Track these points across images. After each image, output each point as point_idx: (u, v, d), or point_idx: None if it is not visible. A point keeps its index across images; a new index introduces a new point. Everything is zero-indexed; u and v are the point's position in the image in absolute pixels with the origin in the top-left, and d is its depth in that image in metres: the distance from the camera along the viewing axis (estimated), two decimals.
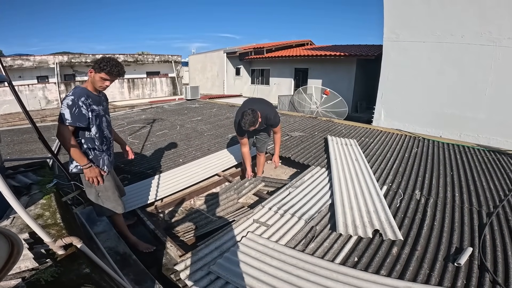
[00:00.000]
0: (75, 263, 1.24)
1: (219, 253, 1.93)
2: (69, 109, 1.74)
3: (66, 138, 1.76)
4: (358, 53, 10.81)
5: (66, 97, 1.77)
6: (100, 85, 1.86)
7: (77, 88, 1.83)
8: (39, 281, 1.10)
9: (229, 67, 16.29)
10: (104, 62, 1.78)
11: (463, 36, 5.21)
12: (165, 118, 6.95)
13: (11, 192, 0.99)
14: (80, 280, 1.16)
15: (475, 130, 5.39)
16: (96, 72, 1.81)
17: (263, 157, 3.50)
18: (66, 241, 1.18)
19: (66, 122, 1.73)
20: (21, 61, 12.66)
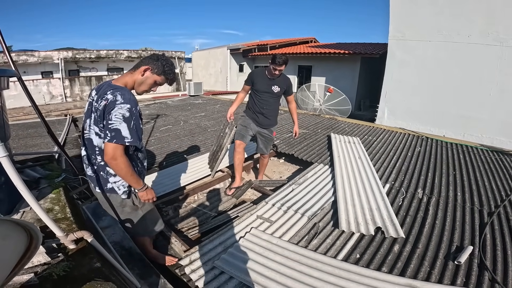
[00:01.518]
0: (86, 258, 1.26)
1: (223, 248, 1.96)
2: (127, 123, 1.35)
3: (125, 162, 1.40)
4: (363, 51, 10.77)
5: (115, 105, 1.33)
6: (146, 89, 1.53)
7: (124, 91, 1.40)
8: (51, 276, 1.12)
9: (233, 64, 16.26)
10: (169, 65, 1.49)
11: (470, 35, 5.19)
12: (169, 113, 6.98)
13: (25, 186, 1.01)
14: (91, 275, 1.19)
15: (479, 130, 5.38)
16: (154, 73, 1.48)
17: (267, 159, 3.41)
18: (78, 235, 1.21)
19: (125, 142, 1.36)
20: (26, 57, 12.68)
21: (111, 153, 1.36)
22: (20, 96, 10.24)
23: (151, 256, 1.95)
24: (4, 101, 1.89)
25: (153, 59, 1.46)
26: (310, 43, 16.96)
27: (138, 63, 1.49)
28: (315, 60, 12.59)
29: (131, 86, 1.50)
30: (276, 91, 2.92)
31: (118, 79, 1.49)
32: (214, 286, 1.63)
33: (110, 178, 1.54)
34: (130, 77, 1.48)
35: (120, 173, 1.45)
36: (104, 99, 1.37)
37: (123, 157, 1.39)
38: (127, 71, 1.52)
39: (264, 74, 2.90)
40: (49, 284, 1.07)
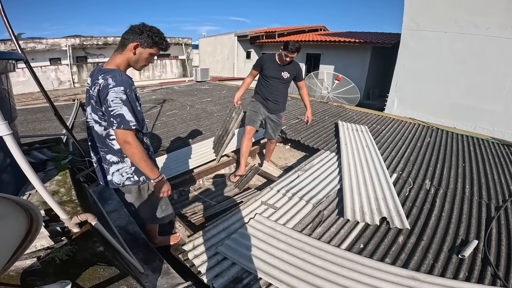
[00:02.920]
0: (89, 241, 1.27)
1: (227, 234, 1.97)
2: (127, 107, 1.30)
3: (139, 147, 1.35)
4: (374, 40, 10.51)
5: (109, 89, 1.27)
6: (145, 64, 1.47)
7: (116, 73, 1.33)
8: (54, 260, 1.11)
9: (240, 50, 16.05)
10: (156, 34, 1.39)
11: (488, 28, 5.03)
12: (175, 98, 6.97)
13: (30, 168, 1.00)
14: (94, 259, 1.19)
15: (491, 123, 5.29)
16: (146, 47, 1.39)
17: (274, 144, 3.42)
18: (82, 218, 1.21)
19: (132, 126, 1.30)
20: (33, 44, 12.83)
21: (122, 138, 1.32)
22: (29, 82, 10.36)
23: (157, 241, 1.97)
24: (11, 84, 1.90)
25: (137, 33, 1.35)
26: (319, 31, 16.59)
27: (123, 41, 1.38)
28: (324, 48, 12.34)
29: (125, 66, 1.43)
30: (285, 77, 2.89)
31: (109, 62, 1.41)
32: (216, 272, 1.64)
33: (112, 167, 1.50)
34: (121, 57, 1.40)
35: (134, 159, 1.39)
36: (96, 85, 1.32)
37: (136, 141, 1.34)
38: (115, 52, 1.42)
39: (274, 59, 2.86)
40: (51, 269, 1.08)
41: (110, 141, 1.45)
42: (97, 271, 1.11)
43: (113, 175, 1.51)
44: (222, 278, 1.60)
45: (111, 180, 1.52)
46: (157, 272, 1.60)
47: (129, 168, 1.52)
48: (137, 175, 1.55)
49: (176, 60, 16.61)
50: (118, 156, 1.48)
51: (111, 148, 1.47)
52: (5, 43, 11.30)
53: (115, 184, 1.53)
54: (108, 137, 1.45)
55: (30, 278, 1.05)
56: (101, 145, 1.47)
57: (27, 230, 0.69)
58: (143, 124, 1.52)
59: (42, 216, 0.71)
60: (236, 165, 3.50)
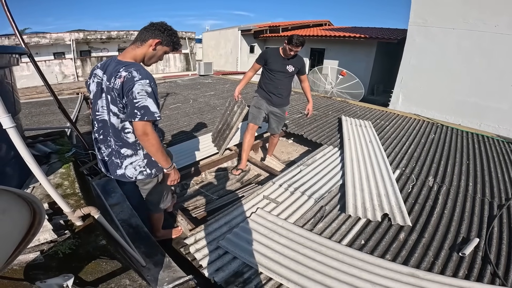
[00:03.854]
0: (92, 235, 1.28)
1: (228, 228, 1.98)
2: (152, 98, 1.33)
3: (157, 138, 1.40)
4: (380, 36, 10.39)
5: (135, 82, 1.29)
6: (155, 61, 1.52)
7: (138, 66, 1.36)
8: (57, 254, 1.12)
9: (243, 45, 15.96)
10: (175, 35, 1.48)
11: (497, 25, 4.96)
12: (178, 92, 6.97)
13: (34, 160, 1.01)
14: (97, 252, 1.20)
15: (496, 120, 5.25)
16: (165, 45, 1.46)
17: (277, 139, 3.41)
18: (85, 211, 1.22)
19: (156, 117, 1.34)
20: (37, 39, 12.85)
21: (142, 130, 1.34)
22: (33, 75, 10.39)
23: (160, 235, 1.99)
24: (14, 78, 1.91)
25: (160, 31, 1.41)
26: (324, 26, 16.41)
27: (143, 36, 1.41)
28: (329, 43, 12.22)
29: (141, 60, 1.45)
30: (290, 71, 2.90)
31: (125, 54, 1.42)
32: (217, 266, 1.66)
33: (125, 160, 1.51)
34: (139, 51, 1.42)
35: (152, 150, 1.42)
36: (118, 77, 1.32)
37: (154, 132, 1.38)
38: (132, 45, 1.44)
39: (279, 53, 2.86)
40: (54, 262, 1.09)
41: (125, 134, 1.46)
42: (99, 264, 1.13)
43: (126, 168, 1.52)
44: (223, 272, 1.62)
45: (123, 174, 1.54)
46: (159, 266, 1.62)
47: (141, 161, 1.54)
48: (149, 168, 1.57)
49: (179, 54, 16.55)
50: (132, 149, 1.50)
51: (125, 142, 1.48)
52: (9, 37, 11.36)
53: (127, 177, 1.55)
54: (123, 130, 1.45)
55: (34, 272, 1.06)
56: (116, 139, 1.47)
57: (30, 224, 0.69)
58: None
59: (45, 209, 0.71)
60: (238, 158, 3.50)
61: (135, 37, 1.45)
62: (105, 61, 1.48)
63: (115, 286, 1.12)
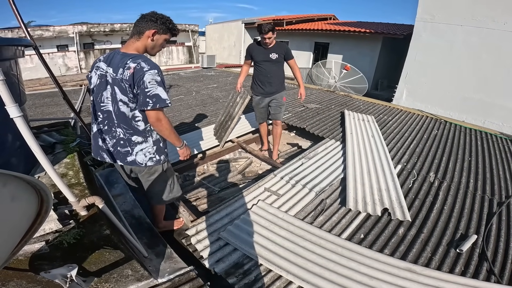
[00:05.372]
0: (96, 225, 1.30)
1: (229, 219, 2.01)
2: (162, 87, 1.41)
3: (168, 122, 1.51)
4: (385, 31, 10.29)
5: (144, 72, 1.36)
6: (159, 50, 1.58)
7: (145, 58, 1.43)
8: (62, 244, 1.15)
9: (247, 38, 15.86)
10: (169, 21, 1.51)
11: (506, 23, 4.89)
12: (181, 84, 6.98)
13: (41, 150, 1.02)
14: (100, 242, 1.23)
15: (501, 118, 5.23)
16: (162, 33, 1.50)
17: (280, 128, 3.31)
18: (89, 201, 1.24)
19: (168, 103, 1.43)
20: (41, 31, 12.93)
21: (155, 117, 1.43)
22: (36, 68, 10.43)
23: (162, 226, 2.03)
24: (20, 69, 1.92)
25: (153, 21, 1.45)
26: (329, 20, 16.23)
27: (139, 28, 1.46)
28: (333, 38, 12.10)
29: (143, 51, 1.51)
30: (274, 58, 2.98)
31: (128, 47, 1.48)
32: (218, 257, 1.69)
33: (136, 147, 1.56)
34: (139, 44, 1.48)
35: (165, 133, 1.53)
36: (126, 68, 1.38)
37: (165, 117, 1.48)
38: (131, 38, 1.49)
39: (259, 45, 3.03)
40: (59, 252, 1.10)
41: (135, 122, 1.52)
42: (103, 254, 1.15)
43: (136, 154, 1.58)
44: (224, 263, 1.65)
45: (134, 160, 1.59)
46: (161, 257, 1.65)
47: (151, 147, 1.61)
48: (158, 155, 1.65)
49: (183, 46, 16.50)
50: (142, 136, 1.57)
51: (136, 129, 1.54)
52: (12, 30, 11.38)
53: (138, 164, 1.60)
54: (134, 118, 1.52)
55: (39, 262, 1.07)
56: (127, 127, 1.53)
57: (37, 212, 0.69)
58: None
59: (52, 197, 0.72)
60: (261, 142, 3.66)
61: (131, 31, 1.50)
62: (107, 54, 1.52)
63: (118, 276, 1.15)
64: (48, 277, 0.97)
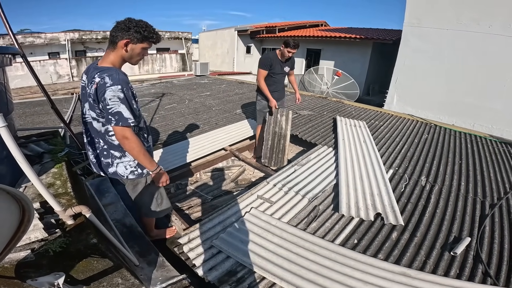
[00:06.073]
0: (83, 233, 1.28)
1: (222, 227, 1.99)
2: (125, 104, 1.33)
3: (137, 141, 1.41)
4: (375, 37, 10.48)
5: (106, 88, 1.29)
6: (139, 59, 1.46)
7: (112, 71, 1.33)
8: (47, 252, 1.13)
9: (240, 45, 15.99)
10: (144, 28, 1.37)
11: (491, 26, 5.01)
12: (174, 92, 6.96)
13: (25, 160, 1.00)
14: (87, 251, 1.21)
15: (490, 120, 5.30)
16: (137, 42, 1.38)
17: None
18: (76, 210, 1.22)
19: (130, 123, 1.35)
20: (32, 38, 12.75)
21: (121, 134, 1.36)
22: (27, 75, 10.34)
23: (154, 234, 1.99)
24: (7, 77, 1.90)
25: (125, 30, 1.34)
26: (320, 26, 16.50)
27: (112, 38, 1.37)
28: (325, 44, 12.29)
29: (119, 63, 1.43)
30: (287, 71, 3.35)
31: (103, 60, 1.41)
32: (211, 265, 1.66)
33: (116, 160, 1.54)
34: (114, 55, 1.40)
35: (133, 153, 1.44)
36: (93, 83, 1.33)
37: (134, 136, 1.39)
38: (107, 49, 1.42)
39: (277, 57, 3.20)
40: (45, 260, 1.09)
41: (109, 137, 1.48)
42: (90, 263, 1.13)
43: (117, 166, 1.55)
44: (217, 271, 1.62)
45: (115, 172, 1.56)
46: (153, 265, 1.62)
47: (132, 161, 1.57)
48: (140, 168, 1.60)
49: (176, 54, 16.52)
50: (119, 151, 1.52)
51: (111, 144, 1.50)
52: (3, 38, 11.25)
53: (119, 175, 1.57)
54: (107, 133, 1.47)
55: (24, 270, 1.06)
56: (102, 141, 1.50)
57: (20, 221, 0.69)
58: (139, 119, 1.54)
59: (33, 207, 0.71)
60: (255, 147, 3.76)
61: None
62: (88, 66, 1.49)
63: (107, 285, 1.12)
64: (35, 284, 0.95)
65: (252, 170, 3.32)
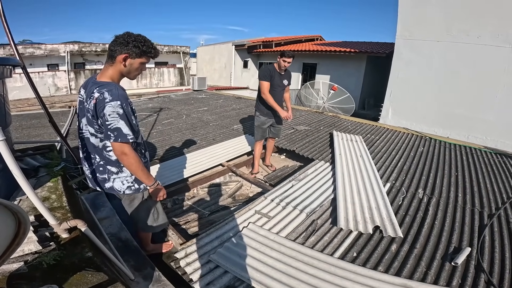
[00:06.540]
0: (78, 247, 1.26)
1: (220, 242, 1.96)
2: (124, 120, 1.32)
3: (136, 157, 1.41)
4: (369, 50, 10.69)
5: (105, 104, 1.28)
6: (137, 74, 1.46)
7: (111, 87, 1.33)
8: (41, 265, 1.11)
9: (237, 60, 16.24)
10: (143, 42, 1.37)
11: (479, 36, 5.12)
12: (172, 107, 6.99)
13: (21, 173, 1.00)
14: (82, 264, 1.19)
15: (484, 132, 5.33)
16: (135, 57, 1.37)
17: (274, 143, 3.78)
18: (71, 224, 1.20)
19: (129, 139, 1.35)
20: (32, 49, 12.81)
21: (119, 150, 1.35)
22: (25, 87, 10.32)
23: (150, 249, 1.96)
24: (6, 89, 1.90)
25: (123, 44, 1.33)
26: (316, 40, 16.86)
27: (111, 53, 1.37)
28: (320, 58, 12.51)
29: (118, 78, 1.43)
30: (285, 84, 3.33)
31: (102, 74, 1.41)
32: (208, 280, 1.63)
33: (113, 175, 1.53)
34: (113, 70, 1.39)
35: (131, 168, 1.44)
36: (92, 98, 1.32)
37: (132, 151, 1.39)
38: (106, 63, 1.41)
39: (276, 70, 3.20)
40: (38, 272, 1.07)
41: (107, 152, 1.48)
42: (85, 276, 1.10)
43: (114, 181, 1.54)
44: (214, 286, 1.59)
45: (112, 187, 1.55)
46: (148, 279, 1.58)
47: (129, 177, 1.56)
48: (137, 183, 1.59)
49: (174, 68, 16.70)
50: (116, 166, 1.51)
51: (108, 160, 1.49)
52: (4, 47, 11.32)
53: (116, 191, 1.56)
54: (104, 149, 1.47)
55: (17, 282, 1.04)
56: (99, 157, 1.50)
57: (15, 233, 0.69)
58: (138, 135, 1.54)
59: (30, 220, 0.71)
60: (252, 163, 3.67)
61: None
62: (86, 80, 1.48)
63: None
64: None
65: (250, 185, 3.31)
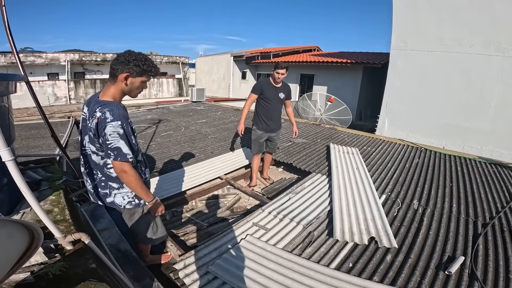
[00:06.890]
0: (82, 258, 1.30)
1: (218, 254, 1.99)
2: (124, 140, 1.37)
3: (135, 175, 1.45)
4: (365, 61, 10.87)
5: (106, 123, 1.33)
6: (138, 92, 1.51)
7: (113, 106, 1.38)
8: (47, 275, 1.16)
9: (236, 71, 16.44)
10: (143, 61, 1.41)
11: (472, 45, 5.16)
12: (171, 119, 7.05)
13: (28, 188, 1.05)
14: (86, 275, 1.23)
15: (479, 142, 5.32)
16: (136, 76, 1.42)
17: (271, 156, 3.79)
18: (75, 237, 1.25)
19: (129, 159, 1.39)
20: (33, 58, 12.86)
21: (120, 168, 1.40)
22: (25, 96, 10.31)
23: (149, 260, 2.00)
24: (11, 104, 1.95)
25: (125, 63, 1.38)
26: (313, 51, 17.13)
27: (113, 71, 1.41)
28: (318, 69, 12.69)
29: (120, 97, 1.48)
30: (282, 97, 3.30)
31: (104, 93, 1.46)
32: None
33: (114, 191, 1.59)
34: (115, 88, 1.44)
35: (131, 186, 1.48)
36: (94, 117, 1.37)
37: (132, 169, 1.43)
38: (108, 82, 1.46)
39: (270, 82, 3.22)
40: (44, 282, 1.11)
41: (107, 169, 1.53)
42: (88, 286, 1.14)
43: (115, 196, 1.60)
44: None
45: (112, 201, 1.61)
46: None
47: (130, 192, 1.61)
48: (137, 199, 1.65)
49: (173, 79, 16.85)
50: (117, 182, 1.57)
51: (109, 176, 1.55)
52: (5, 55, 11.40)
53: (117, 205, 1.62)
54: (105, 166, 1.53)
55: None
56: (100, 174, 1.56)
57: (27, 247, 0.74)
58: (137, 154, 1.60)
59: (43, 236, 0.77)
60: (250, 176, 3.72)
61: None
62: (89, 98, 1.54)
63: None
64: None
65: (248, 198, 3.36)
